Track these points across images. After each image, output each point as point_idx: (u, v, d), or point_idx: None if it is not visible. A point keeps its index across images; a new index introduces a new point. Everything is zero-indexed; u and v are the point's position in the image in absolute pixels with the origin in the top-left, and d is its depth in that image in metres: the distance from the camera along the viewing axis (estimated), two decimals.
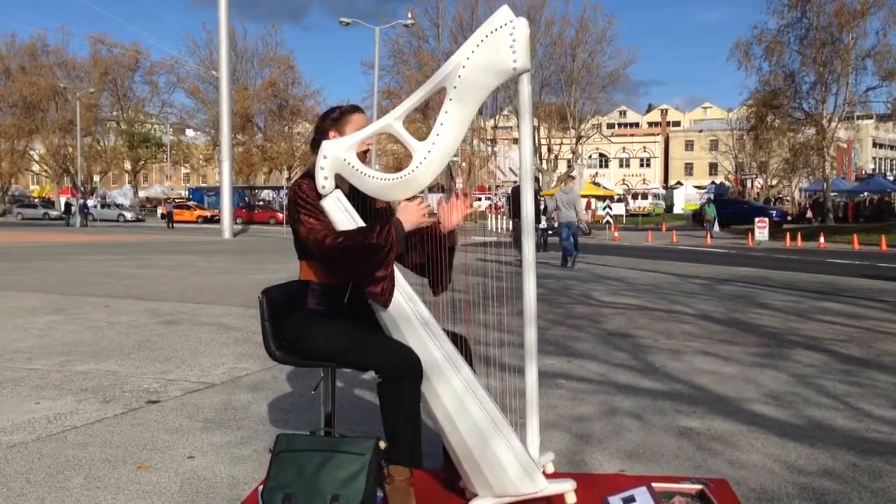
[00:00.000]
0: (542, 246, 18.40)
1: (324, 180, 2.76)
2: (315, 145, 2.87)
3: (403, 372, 2.69)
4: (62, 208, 53.11)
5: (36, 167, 68.47)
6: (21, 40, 63.60)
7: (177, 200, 55.94)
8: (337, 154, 2.75)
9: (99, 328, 6.95)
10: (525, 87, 2.67)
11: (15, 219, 54.72)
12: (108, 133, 64.95)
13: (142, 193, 72.00)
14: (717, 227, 36.37)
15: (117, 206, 56.78)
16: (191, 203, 55.63)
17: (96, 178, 60.69)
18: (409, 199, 2.83)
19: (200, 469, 3.28)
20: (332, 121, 2.96)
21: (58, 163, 62.37)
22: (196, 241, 25.87)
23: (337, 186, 2.80)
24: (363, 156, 2.86)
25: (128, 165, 67.00)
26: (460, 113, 2.66)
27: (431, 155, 2.69)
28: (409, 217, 2.81)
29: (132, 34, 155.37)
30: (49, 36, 79.66)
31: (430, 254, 2.93)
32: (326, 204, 2.79)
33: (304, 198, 2.81)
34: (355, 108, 3.02)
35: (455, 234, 3.00)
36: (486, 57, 2.60)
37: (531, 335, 2.76)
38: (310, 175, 2.83)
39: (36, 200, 65.76)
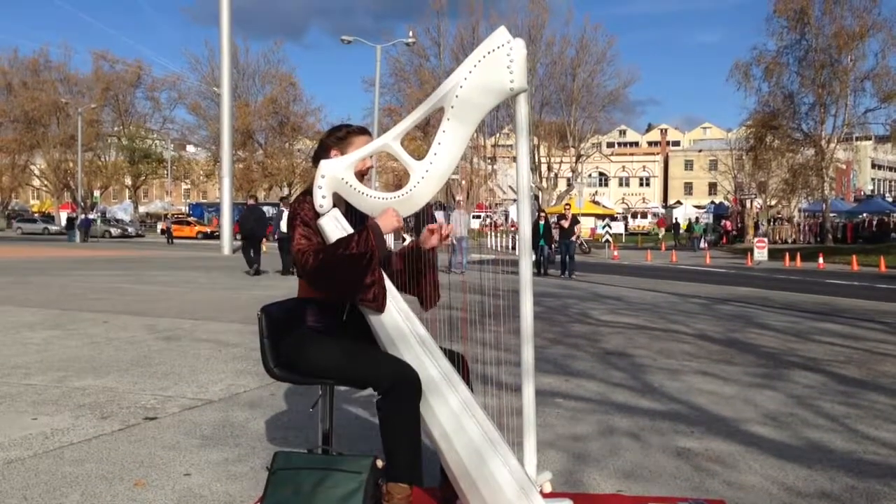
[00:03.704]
0: (542, 267, 18.32)
1: (322, 199, 2.78)
2: (317, 160, 2.89)
3: (402, 389, 2.69)
4: (62, 223, 53.14)
5: (36, 182, 68.58)
6: (24, 56, 64.04)
7: (177, 216, 55.98)
8: (335, 173, 2.77)
9: (97, 344, 6.94)
10: (522, 107, 2.69)
11: (14, 233, 54.73)
12: (109, 148, 65.09)
13: (142, 209, 72.04)
14: (703, 244, 37.52)
15: (117, 221, 56.78)
16: (191, 219, 55.68)
17: (97, 193, 60.76)
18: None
19: (197, 486, 3.27)
20: (336, 139, 2.97)
21: (58, 178, 62.48)
22: (195, 256, 25.86)
23: (335, 205, 2.82)
24: (362, 175, 2.87)
25: (128, 181, 67.11)
26: (458, 132, 2.68)
27: (429, 174, 2.71)
28: (387, 222, 2.81)
29: (134, 51, 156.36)
30: (52, 51, 79.71)
31: (414, 270, 2.96)
32: (324, 222, 2.81)
33: (302, 216, 2.83)
34: (362, 131, 3.02)
35: (435, 252, 3.03)
36: (483, 77, 2.62)
37: (528, 354, 2.76)
38: (311, 192, 2.84)
39: (36, 215, 65.75)
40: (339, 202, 2.84)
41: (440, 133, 2.69)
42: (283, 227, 17.18)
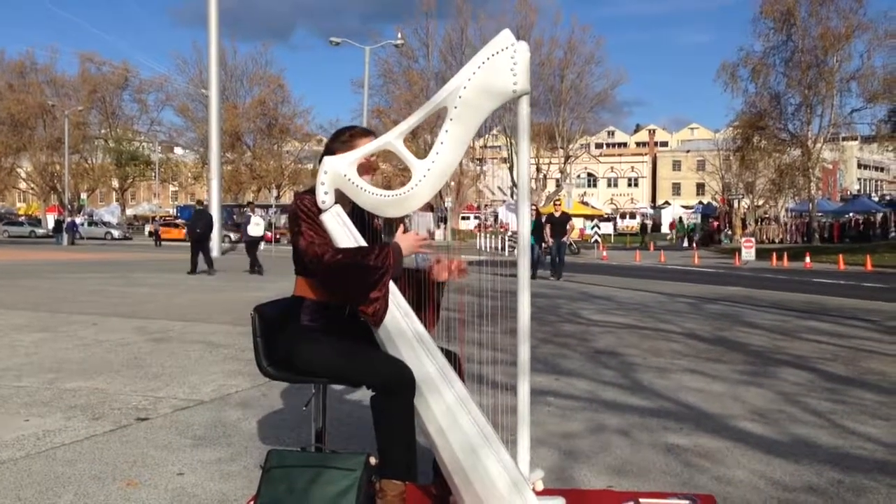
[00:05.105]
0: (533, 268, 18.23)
1: (324, 195, 2.80)
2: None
3: (397, 386, 2.71)
4: (49, 226, 52.78)
5: (23, 185, 68.14)
6: (10, 58, 63.62)
7: (164, 218, 55.75)
8: (338, 170, 2.79)
9: (87, 346, 6.93)
10: (524, 109, 2.72)
11: (1, 236, 54.35)
12: (95, 151, 64.75)
13: (129, 211, 71.72)
14: (686, 243, 37.85)
15: (104, 223, 56.50)
16: (178, 221, 55.47)
17: (83, 195, 60.38)
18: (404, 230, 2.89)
19: (190, 486, 3.28)
20: (340, 143, 2.96)
21: (45, 180, 62.12)
22: (184, 258, 25.70)
23: (337, 202, 2.84)
24: (373, 170, 2.91)
25: (115, 183, 66.79)
26: (460, 133, 2.71)
27: (430, 173, 2.73)
28: (409, 244, 2.86)
29: (121, 52, 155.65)
30: (38, 54, 79.22)
31: (419, 297, 2.98)
32: (326, 219, 2.82)
33: (305, 211, 2.84)
34: (366, 133, 3.00)
35: (443, 287, 3.06)
36: (486, 79, 2.64)
37: (524, 353, 2.78)
38: (312, 191, 2.86)
39: (22, 218, 65.33)
40: (344, 202, 2.86)
41: (442, 133, 2.71)
42: (251, 230, 18.22)
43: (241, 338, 7.31)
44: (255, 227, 18.41)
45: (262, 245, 19.65)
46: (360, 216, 2.92)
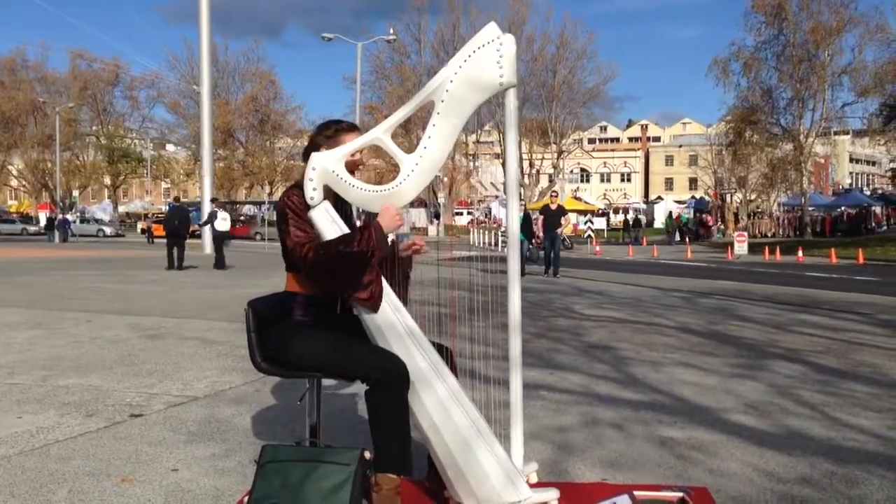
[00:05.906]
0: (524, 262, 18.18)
1: (312, 191, 2.79)
2: (307, 157, 2.90)
3: (390, 380, 2.71)
4: (41, 224, 52.51)
5: (14, 182, 67.79)
6: (0, 55, 63.23)
7: (157, 215, 55.55)
8: (326, 165, 2.78)
9: (81, 343, 6.91)
10: (511, 102, 2.72)
11: None
12: (87, 148, 64.43)
13: (122, 208, 71.41)
14: (677, 237, 38.09)
15: (97, 221, 56.24)
16: None
17: (75, 193, 60.08)
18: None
19: (185, 482, 3.28)
20: (325, 137, 2.95)
21: (36, 178, 61.79)
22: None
23: (325, 198, 2.84)
24: (355, 166, 2.90)
25: (107, 180, 66.45)
26: (447, 127, 2.71)
27: (419, 167, 2.73)
28: (389, 221, 2.83)
29: (113, 49, 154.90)
30: (29, 50, 78.54)
31: (389, 273, 2.99)
32: (315, 215, 2.82)
33: (292, 209, 2.83)
34: (352, 128, 2.99)
35: (410, 261, 3.13)
36: (473, 72, 2.64)
37: (516, 346, 2.79)
38: (299, 186, 2.85)
39: (14, 216, 64.97)
40: (328, 195, 2.85)
41: (430, 127, 2.71)
42: (218, 225, 18.87)
43: (234, 334, 7.30)
44: (223, 223, 18.86)
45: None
46: (342, 209, 2.91)
